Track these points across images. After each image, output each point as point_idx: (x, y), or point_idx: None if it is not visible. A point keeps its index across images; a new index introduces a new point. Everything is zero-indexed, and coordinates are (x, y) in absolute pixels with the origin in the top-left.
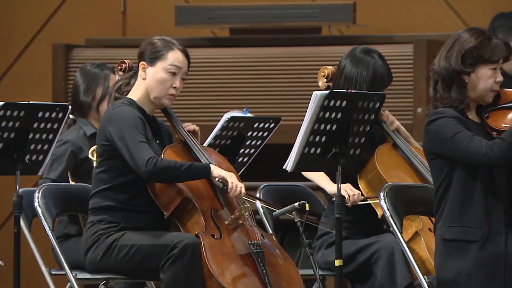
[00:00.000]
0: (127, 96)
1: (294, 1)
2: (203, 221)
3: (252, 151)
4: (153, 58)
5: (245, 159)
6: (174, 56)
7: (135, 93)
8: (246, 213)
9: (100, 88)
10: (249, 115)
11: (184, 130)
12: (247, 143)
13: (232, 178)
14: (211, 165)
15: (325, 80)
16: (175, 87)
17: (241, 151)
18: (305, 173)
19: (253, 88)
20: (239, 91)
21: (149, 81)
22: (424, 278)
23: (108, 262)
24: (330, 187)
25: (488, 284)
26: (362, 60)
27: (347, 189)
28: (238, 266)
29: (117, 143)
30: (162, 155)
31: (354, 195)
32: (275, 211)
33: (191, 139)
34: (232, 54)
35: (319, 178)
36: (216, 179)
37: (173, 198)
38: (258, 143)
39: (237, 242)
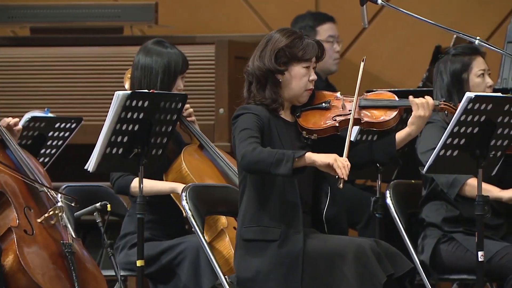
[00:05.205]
0: None
1: (96, 1)
2: (16, 216)
3: (53, 151)
4: None
5: (46, 159)
6: None
7: None
8: (60, 213)
9: None
10: (50, 115)
11: (0, 127)
12: (48, 143)
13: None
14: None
15: (131, 81)
16: None
17: (42, 151)
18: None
19: (54, 88)
20: (40, 90)
21: None
22: (225, 278)
23: None
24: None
25: (285, 281)
26: (155, 49)
27: None
28: (48, 264)
29: None
30: None
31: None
32: (77, 211)
33: (7, 136)
34: (33, 53)
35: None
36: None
37: None
38: (59, 143)
39: (49, 240)
